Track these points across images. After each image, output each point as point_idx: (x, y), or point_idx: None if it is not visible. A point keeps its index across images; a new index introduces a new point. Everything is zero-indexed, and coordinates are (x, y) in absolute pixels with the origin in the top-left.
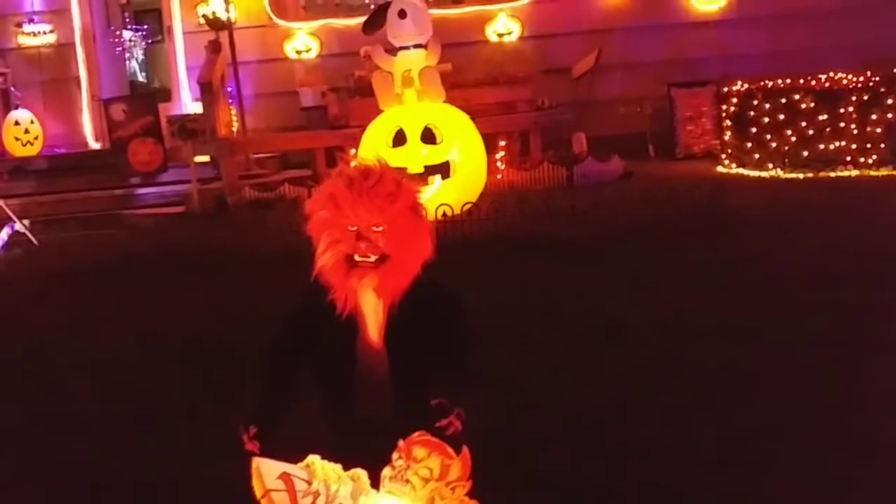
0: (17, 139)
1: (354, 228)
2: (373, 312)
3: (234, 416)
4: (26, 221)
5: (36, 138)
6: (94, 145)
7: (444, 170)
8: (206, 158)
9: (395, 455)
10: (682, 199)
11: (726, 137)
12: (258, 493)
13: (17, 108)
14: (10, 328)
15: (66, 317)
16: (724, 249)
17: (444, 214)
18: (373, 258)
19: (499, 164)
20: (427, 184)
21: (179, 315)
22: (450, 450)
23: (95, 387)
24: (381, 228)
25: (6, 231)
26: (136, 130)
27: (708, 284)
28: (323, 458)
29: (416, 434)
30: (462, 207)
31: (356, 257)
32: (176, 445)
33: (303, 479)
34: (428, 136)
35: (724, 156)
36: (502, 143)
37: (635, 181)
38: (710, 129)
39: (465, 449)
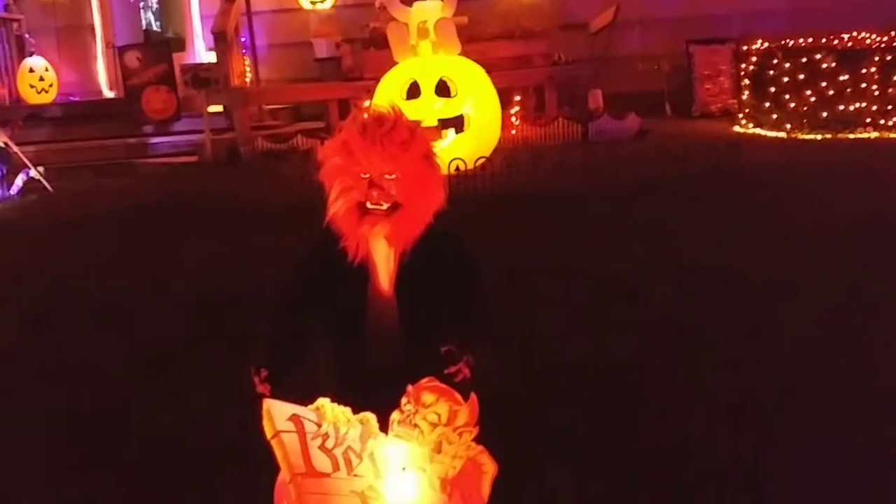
0: (31, 86)
1: (367, 176)
2: (384, 260)
3: (245, 363)
4: (41, 168)
5: (51, 86)
6: (109, 94)
7: (457, 123)
8: (219, 108)
9: (403, 400)
10: (697, 158)
11: (744, 96)
12: (268, 433)
13: (31, 55)
14: (24, 274)
15: (79, 264)
16: (739, 209)
17: (457, 169)
18: (385, 206)
19: (513, 119)
20: (441, 136)
21: (191, 264)
22: (458, 396)
23: (107, 334)
24: (393, 176)
25: (21, 177)
26: (150, 78)
27: (722, 243)
28: (333, 401)
29: (425, 380)
30: (475, 162)
31: (368, 205)
32: (188, 393)
33: (312, 421)
34: (442, 89)
35: (741, 115)
36: (517, 98)
37: (651, 139)
38: (728, 88)
39: (473, 395)
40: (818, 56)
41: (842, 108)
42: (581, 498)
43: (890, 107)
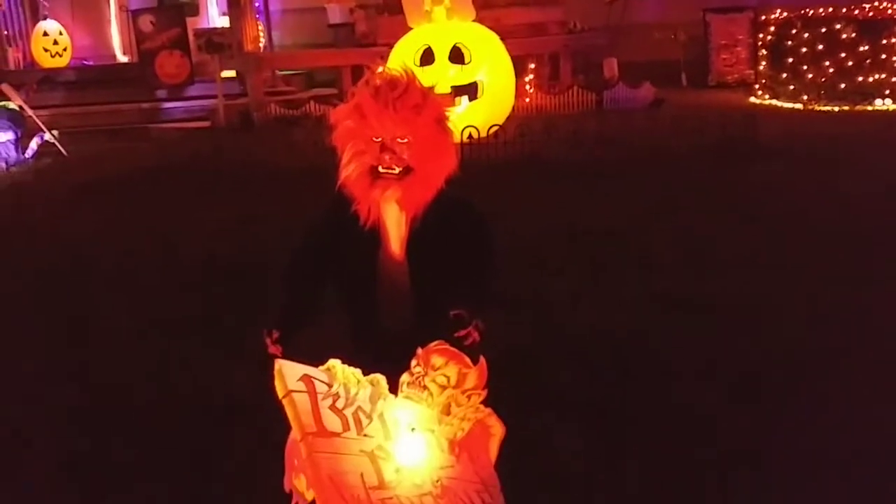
0: (45, 50)
1: (379, 139)
2: (395, 225)
3: (256, 326)
4: (55, 132)
5: (65, 50)
6: (122, 58)
7: (471, 91)
8: (232, 74)
9: (413, 362)
10: (712, 129)
11: (761, 67)
12: (280, 393)
13: (45, 19)
14: (39, 237)
15: (92, 227)
16: (753, 181)
17: (470, 136)
18: (397, 170)
19: (527, 87)
20: (454, 103)
21: (203, 228)
22: (467, 359)
23: (119, 296)
24: (405, 140)
25: (36, 141)
26: (164, 42)
27: (734, 215)
28: (343, 362)
29: (435, 343)
30: (488, 130)
31: (380, 169)
32: (198, 354)
33: (323, 382)
34: (456, 56)
35: (757, 86)
36: (532, 66)
37: (666, 109)
38: (745, 58)
39: (481, 359)
40: (838, 26)
41: (860, 79)
42: (588, 461)
43: None
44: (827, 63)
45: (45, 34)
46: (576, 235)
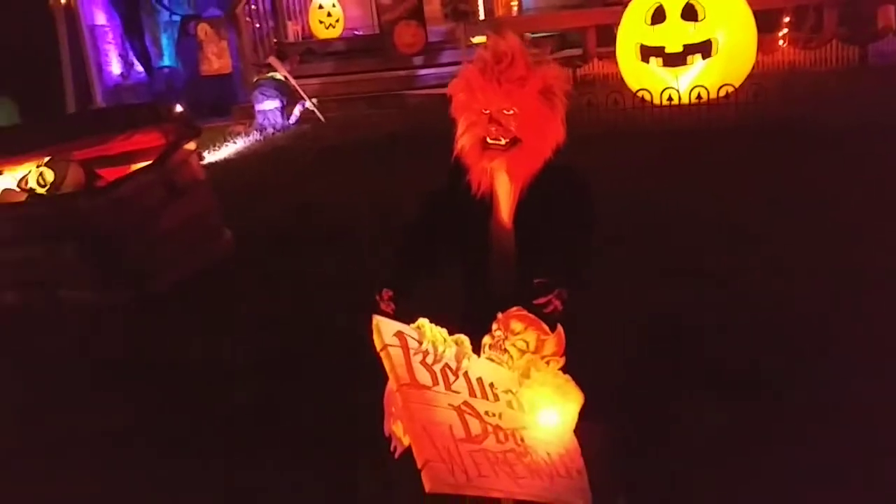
0: (320, 22)
1: (487, 112)
2: (505, 194)
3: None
4: (315, 100)
5: (337, 21)
6: None
7: (704, 49)
8: (483, 39)
9: (494, 326)
10: None
11: None
12: (378, 346)
13: None
14: (279, 195)
15: (329, 187)
16: None
17: (699, 97)
18: (503, 141)
19: (780, 41)
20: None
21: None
22: (545, 326)
23: (339, 256)
24: (511, 111)
25: (298, 108)
26: (402, 13)
27: None
28: (430, 322)
29: (514, 308)
30: (718, 90)
31: (488, 140)
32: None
33: (414, 339)
34: (689, 13)
35: None
36: (786, 20)
37: None
38: None
39: (559, 327)
40: None
41: None
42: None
43: None
44: None
45: (320, 7)
46: (777, 210)
